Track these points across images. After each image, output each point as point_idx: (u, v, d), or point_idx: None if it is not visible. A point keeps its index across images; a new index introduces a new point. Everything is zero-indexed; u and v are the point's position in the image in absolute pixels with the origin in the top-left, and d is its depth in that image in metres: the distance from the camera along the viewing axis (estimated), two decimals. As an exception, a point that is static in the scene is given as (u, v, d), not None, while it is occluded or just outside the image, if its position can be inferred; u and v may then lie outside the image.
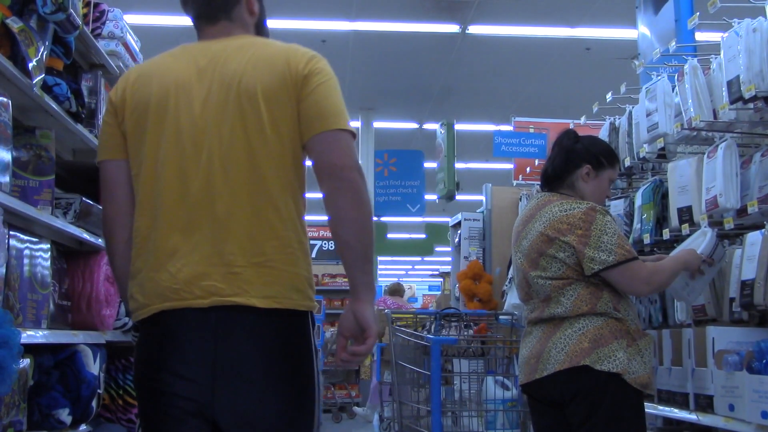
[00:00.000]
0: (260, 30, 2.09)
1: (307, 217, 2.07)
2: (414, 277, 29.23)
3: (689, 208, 3.22)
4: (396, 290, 10.49)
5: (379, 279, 16.30)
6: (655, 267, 2.76)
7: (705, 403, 2.87)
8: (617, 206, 3.88)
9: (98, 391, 2.91)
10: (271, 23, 2.30)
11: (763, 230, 2.75)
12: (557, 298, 2.64)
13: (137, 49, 3.80)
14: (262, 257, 1.78)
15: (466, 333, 4.50)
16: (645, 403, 2.72)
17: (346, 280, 1.93)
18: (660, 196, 3.52)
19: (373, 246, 1.84)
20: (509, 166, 7.34)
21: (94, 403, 2.86)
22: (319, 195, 1.87)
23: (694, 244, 2.93)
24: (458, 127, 11.62)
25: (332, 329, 11.23)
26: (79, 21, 2.77)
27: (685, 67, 3.19)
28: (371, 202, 1.77)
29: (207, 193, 1.80)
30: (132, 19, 4.49)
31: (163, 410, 1.76)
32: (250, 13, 2.04)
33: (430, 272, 26.66)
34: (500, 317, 4.64)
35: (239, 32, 2.00)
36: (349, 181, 1.80)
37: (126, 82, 1.96)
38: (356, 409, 9.83)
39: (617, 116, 4.07)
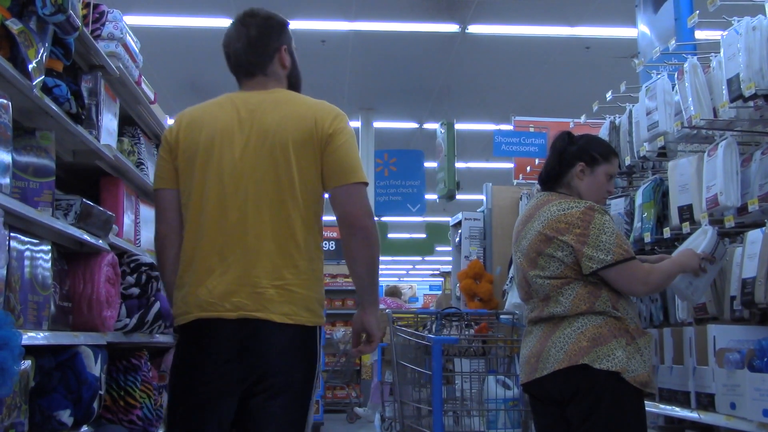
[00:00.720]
0: (293, 78, 2.47)
1: None
2: (415, 277, 29.22)
3: (690, 207, 3.22)
4: (394, 292, 10.78)
5: (380, 279, 16.28)
6: (652, 267, 2.76)
7: (706, 402, 2.87)
8: (617, 205, 3.88)
9: (99, 392, 2.90)
10: None
11: (763, 228, 2.75)
12: (556, 298, 2.64)
13: (137, 50, 3.80)
14: (281, 281, 2.20)
15: (467, 332, 4.51)
16: (646, 402, 2.72)
17: (346, 280, 2.30)
18: (660, 194, 3.52)
19: (377, 275, 2.31)
20: (509, 165, 7.34)
21: (95, 405, 2.86)
22: None
23: (694, 243, 2.93)
24: (458, 126, 11.61)
25: (333, 329, 11.24)
26: (78, 22, 2.77)
27: (685, 66, 3.19)
28: (377, 236, 2.31)
29: (241, 225, 2.22)
30: (132, 20, 4.48)
31: (193, 391, 2.21)
32: (283, 67, 2.44)
33: (431, 272, 26.66)
34: (501, 316, 4.64)
35: (274, 85, 2.42)
36: (362, 228, 2.25)
37: (180, 125, 2.38)
38: (357, 410, 9.82)
39: (617, 115, 4.07)
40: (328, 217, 2.34)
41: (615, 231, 2.63)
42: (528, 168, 6.43)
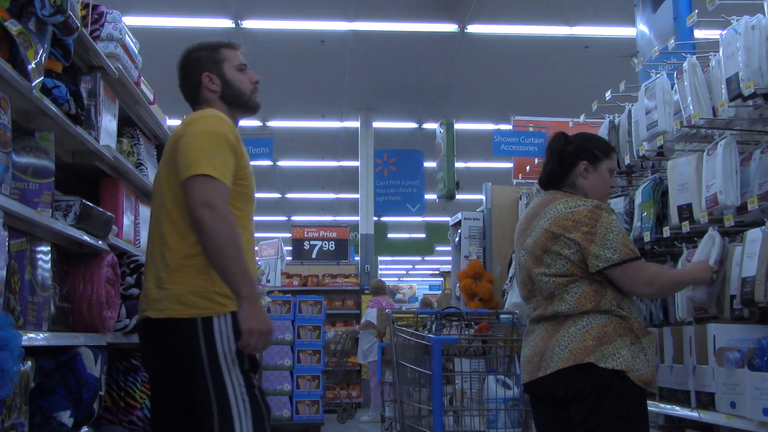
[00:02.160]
0: (228, 93, 2.64)
1: (307, 218, 2.27)
2: (414, 277, 29.24)
3: (689, 206, 3.22)
4: (378, 288, 10.25)
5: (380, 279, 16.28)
6: (660, 270, 2.77)
7: (706, 401, 2.87)
8: (617, 204, 3.88)
9: (99, 392, 2.90)
10: (271, 24, 2.40)
11: (763, 227, 2.75)
12: (561, 296, 2.64)
13: (136, 51, 3.80)
14: (158, 281, 2.42)
15: (467, 332, 4.51)
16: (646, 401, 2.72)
17: (346, 280, 2.22)
18: (660, 193, 3.52)
19: (233, 264, 2.30)
20: (509, 165, 7.34)
21: (95, 405, 2.86)
22: (314, 196, 2.22)
23: (704, 253, 2.95)
24: (457, 126, 11.62)
25: (333, 329, 11.24)
26: (77, 23, 2.77)
27: (684, 65, 3.19)
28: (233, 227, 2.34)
29: (149, 236, 2.57)
30: (131, 20, 4.49)
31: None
32: (212, 92, 2.64)
33: (431, 272, 26.67)
34: (501, 316, 4.64)
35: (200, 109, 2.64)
36: (197, 219, 2.31)
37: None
38: (364, 417, 9.77)
39: (617, 114, 4.07)
40: (328, 217, 2.33)
41: (622, 230, 2.64)
42: (527, 167, 6.43)
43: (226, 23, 9.05)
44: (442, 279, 18.19)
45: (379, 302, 9.77)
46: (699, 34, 4.69)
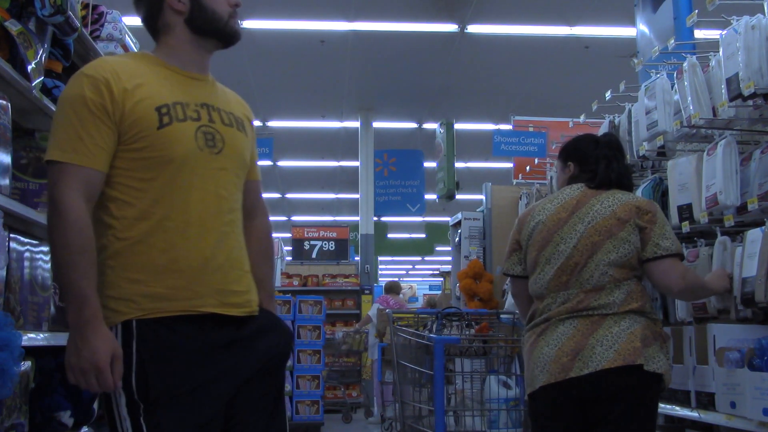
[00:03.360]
0: (197, 16, 1.99)
1: (306, 217, 2.14)
2: (414, 277, 29.25)
3: (689, 206, 3.21)
4: (391, 288, 10.27)
5: (380, 279, 16.30)
6: (690, 270, 2.83)
7: (706, 401, 2.87)
8: (617, 204, 3.88)
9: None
10: (271, 24, 2.33)
11: (763, 227, 2.75)
12: (611, 290, 2.62)
13: (136, 51, 3.80)
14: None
15: (467, 332, 4.50)
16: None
17: (346, 280, 2.00)
18: (660, 193, 3.52)
19: (64, 274, 1.76)
20: (509, 165, 7.36)
21: (95, 405, 2.86)
22: (314, 196, 1.95)
23: (720, 261, 2.97)
24: (457, 126, 11.63)
25: (333, 329, 11.25)
26: (77, 23, 2.77)
27: (684, 65, 3.19)
28: (74, 236, 1.76)
29: None
30: (131, 20, 4.48)
31: None
32: (176, 12, 1.99)
33: (431, 272, 26.69)
34: (502, 316, 4.64)
35: (160, 44, 2.03)
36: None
37: None
38: (372, 419, 9.75)
39: (617, 114, 4.07)
40: (328, 217, 2.27)
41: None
42: (527, 167, 6.43)
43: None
44: (442, 279, 18.19)
45: (387, 300, 9.73)
46: (699, 34, 4.69)
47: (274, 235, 2.59)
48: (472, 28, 9.45)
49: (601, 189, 2.79)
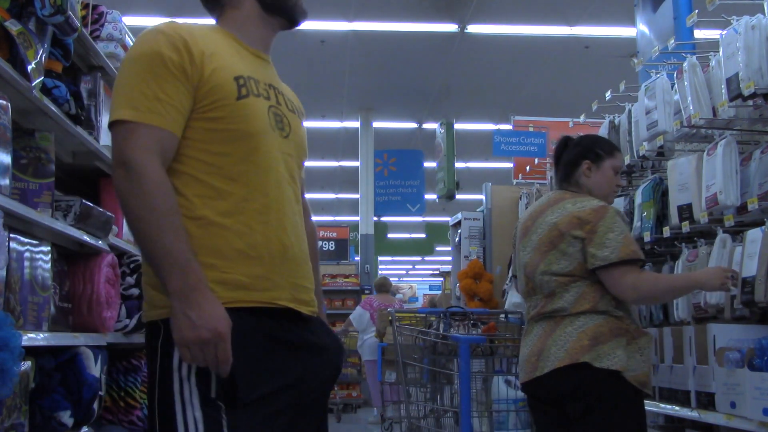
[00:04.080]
0: None
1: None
2: (414, 277, 29.24)
3: (689, 206, 3.22)
4: (382, 285, 9.78)
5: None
6: (652, 276, 2.77)
7: (706, 401, 2.87)
8: (617, 204, 3.89)
9: (99, 393, 2.90)
10: None
11: (763, 227, 2.75)
12: (561, 294, 2.65)
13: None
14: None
15: (474, 332, 4.49)
16: (646, 401, 2.72)
17: (346, 280, 1.91)
18: (660, 193, 3.52)
19: (149, 241, 1.56)
20: (509, 165, 7.35)
21: (95, 405, 2.86)
22: (314, 196, 1.85)
23: (717, 259, 2.95)
24: (457, 126, 11.63)
25: (334, 329, 11.22)
26: (77, 23, 2.77)
27: (684, 65, 3.19)
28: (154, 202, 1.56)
29: None
30: (131, 20, 4.48)
31: None
32: None
33: (431, 272, 26.67)
34: (510, 316, 4.62)
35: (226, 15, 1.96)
36: (114, 179, 1.61)
37: None
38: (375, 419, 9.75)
39: (617, 114, 4.07)
40: (328, 217, 2.23)
41: (624, 231, 2.63)
42: (527, 167, 6.44)
43: (226, 23, 9.05)
44: (442, 279, 18.19)
45: (371, 303, 9.33)
46: (699, 34, 4.69)
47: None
48: (472, 28, 9.45)
49: (568, 191, 2.82)
